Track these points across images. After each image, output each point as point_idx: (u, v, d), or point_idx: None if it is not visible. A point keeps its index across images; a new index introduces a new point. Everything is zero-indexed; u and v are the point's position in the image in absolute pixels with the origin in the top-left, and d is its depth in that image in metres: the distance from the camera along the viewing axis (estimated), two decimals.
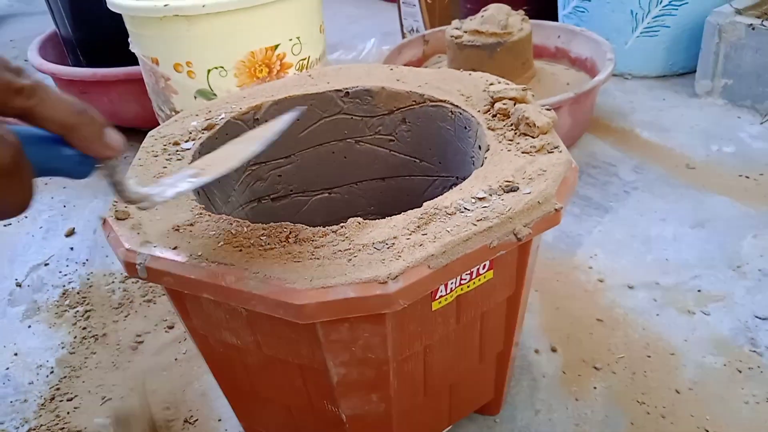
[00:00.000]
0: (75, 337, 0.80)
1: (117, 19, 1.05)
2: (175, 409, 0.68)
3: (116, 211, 0.51)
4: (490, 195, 0.47)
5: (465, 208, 0.46)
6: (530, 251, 0.52)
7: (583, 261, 0.84)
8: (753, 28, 1.05)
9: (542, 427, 0.63)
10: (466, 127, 0.62)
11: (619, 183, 0.99)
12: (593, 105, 1.09)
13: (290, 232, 0.46)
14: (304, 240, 0.46)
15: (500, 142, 0.55)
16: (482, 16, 1.03)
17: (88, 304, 0.85)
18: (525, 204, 0.46)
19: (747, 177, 0.97)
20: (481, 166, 0.54)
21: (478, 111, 0.60)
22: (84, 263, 0.94)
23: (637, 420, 0.62)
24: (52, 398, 0.72)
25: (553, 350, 0.71)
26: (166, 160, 0.57)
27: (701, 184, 0.96)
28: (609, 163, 1.04)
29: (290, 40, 0.85)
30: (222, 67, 0.83)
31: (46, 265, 0.95)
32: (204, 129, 0.61)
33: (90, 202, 1.09)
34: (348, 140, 0.71)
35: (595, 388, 0.66)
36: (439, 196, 0.69)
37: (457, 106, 0.62)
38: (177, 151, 0.58)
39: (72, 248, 0.98)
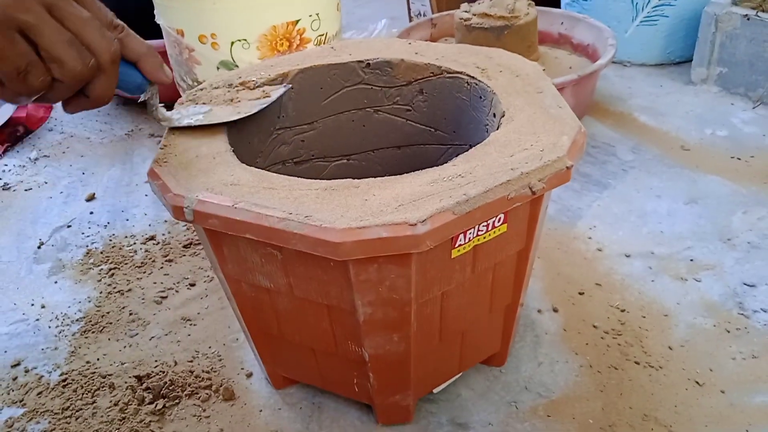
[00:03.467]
0: (101, 292, 0.84)
1: None
2: (199, 359, 0.73)
3: (156, 160, 0.55)
4: (511, 156, 0.52)
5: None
6: (541, 208, 0.57)
7: (582, 232, 0.89)
8: (748, 19, 1.10)
9: (545, 378, 0.68)
10: (481, 97, 0.66)
11: (617, 162, 1.04)
12: (594, 88, 1.14)
13: (325, 186, 0.51)
14: (334, 189, 0.50)
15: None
16: (491, 0, 1.07)
17: (111, 262, 0.89)
18: (541, 162, 0.51)
19: (738, 159, 1.02)
20: (497, 129, 0.59)
21: (493, 81, 0.65)
22: (105, 226, 0.98)
23: (632, 372, 0.67)
24: (80, 346, 0.76)
25: (555, 310, 0.76)
26: None
27: (695, 165, 1.02)
28: (608, 143, 1.09)
29: (310, 16, 0.89)
30: (245, 40, 0.87)
31: (68, 227, 0.98)
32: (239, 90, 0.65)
33: (108, 170, 1.13)
34: (367, 109, 0.75)
35: (594, 344, 0.71)
36: None
37: (473, 77, 0.67)
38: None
39: (92, 212, 1.02)
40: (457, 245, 0.52)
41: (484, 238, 0.53)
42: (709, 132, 1.10)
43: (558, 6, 1.45)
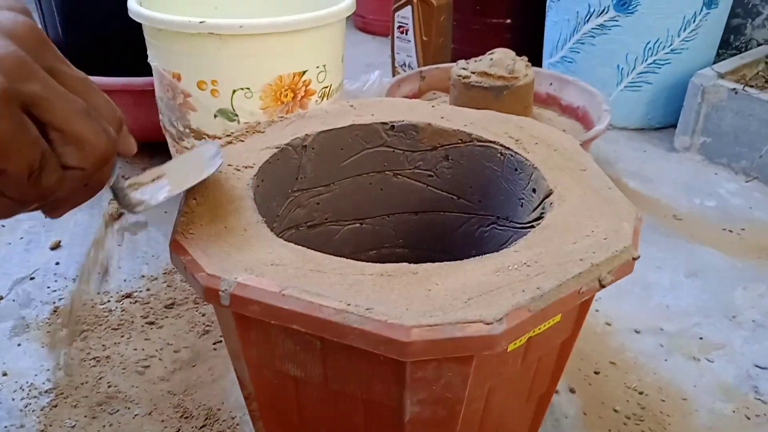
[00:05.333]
0: (72, 359, 0.75)
1: (114, 25, 1.02)
2: None
3: (180, 232, 0.49)
4: (574, 243, 0.49)
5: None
6: (593, 298, 0.54)
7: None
8: (735, 92, 1.12)
9: None
10: (516, 169, 0.63)
11: None
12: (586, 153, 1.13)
13: (380, 270, 0.46)
14: (390, 276, 0.46)
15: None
16: (491, 59, 1.06)
17: (83, 323, 0.81)
18: (608, 252, 0.48)
19: (730, 231, 1.03)
20: (543, 209, 0.56)
21: (531, 154, 0.62)
22: (74, 279, 0.89)
23: None
24: (51, 424, 0.67)
25: (572, 391, 0.72)
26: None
27: (689, 235, 1.02)
28: None
29: (317, 67, 0.85)
30: (248, 89, 0.81)
31: (31, 279, 0.89)
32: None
33: (74, 215, 1.04)
34: (386, 172, 0.71)
35: (618, 431, 0.68)
36: (474, 233, 0.71)
37: (508, 148, 0.64)
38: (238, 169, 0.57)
39: (58, 263, 0.93)
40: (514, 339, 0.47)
41: (540, 329, 0.49)
42: (698, 202, 1.11)
43: (539, 65, 1.46)
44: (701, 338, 0.81)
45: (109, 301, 0.85)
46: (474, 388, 0.48)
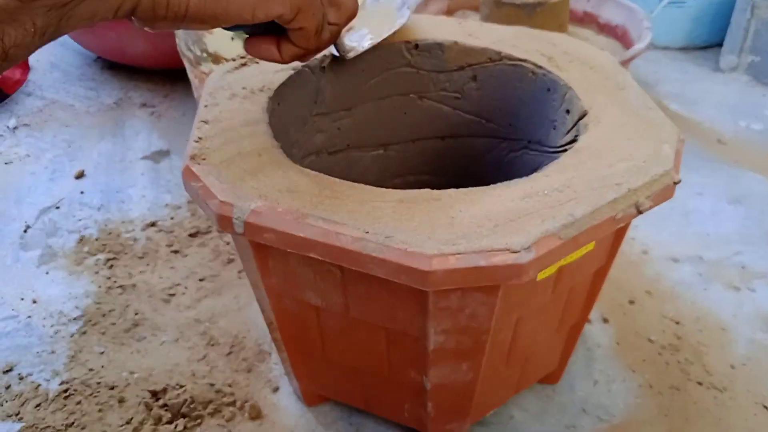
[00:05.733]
0: (99, 287, 0.75)
1: None
2: (218, 369, 0.65)
3: (192, 156, 0.47)
4: (610, 167, 0.45)
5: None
6: (630, 225, 0.50)
7: None
8: None
9: (603, 399, 0.62)
10: (549, 89, 0.59)
11: None
12: None
13: (400, 197, 0.43)
14: (411, 202, 0.43)
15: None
16: None
17: (109, 252, 0.81)
18: (647, 176, 0.44)
19: None
20: (577, 132, 0.52)
21: (564, 73, 0.58)
22: (99, 208, 0.89)
23: (696, 393, 0.63)
24: (81, 350, 0.68)
25: (605, 321, 0.70)
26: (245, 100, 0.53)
27: (733, 160, 0.96)
28: None
29: None
30: None
31: (57, 208, 0.89)
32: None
33: (97, 143, 1.03)
34: (411, 95, 0.67)
35: (652, 361, 0.66)
36: (503, 158, 0.67)
37: (540, 66, 0.59)
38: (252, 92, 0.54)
39: (83, 192, 0.92)
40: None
41: (571, 258, 0.47)
42: (743, 125, 1.05)
43: None
44: (743, 267, 0.77)
45: (133, 229, 0.84)
46: (501, 318, 0.46)
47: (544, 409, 0.61)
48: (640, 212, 0.44)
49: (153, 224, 0.85)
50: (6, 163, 0.99)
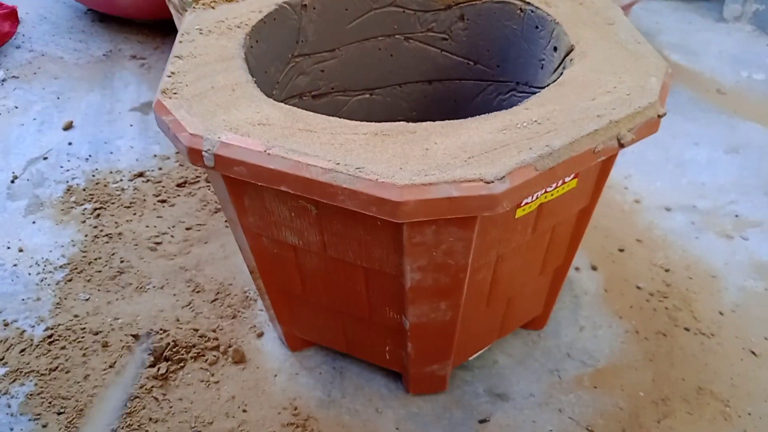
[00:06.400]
0: (86, 236, 0.75)
1: None
2: (203, 315, 0.65)
3: (163, 91, 0.46)
4: (593, 99, 0.44)
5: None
6: (613, 163, 0.49)
7: (617, 181, 0.81)
8: None
9: (588, 344, 0.62)
10: (537, 27, 0.57)
11: None
12: None
13: (374, 129, 0.42)
14: (385, 135, 0.42)
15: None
16: None
17: (96, 201, 0.80)
18: (630, 108, 0.43)
19: None
20: (563, 68, 0.50)
21: (552, 9, 0.56)
22: (87, 159, 0.88)
23: (682, 339, 0.62)
24: (66, 297, 0.68)
25: (594, 269, 0.70)
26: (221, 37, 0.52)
27: (732, 110, 0.94)
28: None
29: None
30: None
31: (45, 159, 0.88)
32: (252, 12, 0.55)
33: (86, 95, 1.01)
34: (396, 36, 0.65)
35: (639, 307, 0.65)
36: (491, 102, 0.66)
37: (528, 2, 0.57)
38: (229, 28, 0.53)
39: (71, 143, 0.91)
40: (522, 204, 0.44)
41: (552, 195, 0.46)
42: (745, 75, 1.02)
43: None
44: (737, 215, 0.76)
45: (121, 180, 0.84)
46: (478, 255, 0.46)
47: (528, 354, 0.61)
48: (622, 145, 0.43)
49: (141, 174, 0.84)
50: None
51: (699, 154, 0.86)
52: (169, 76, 0.47)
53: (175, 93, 0.46)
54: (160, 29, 1.15)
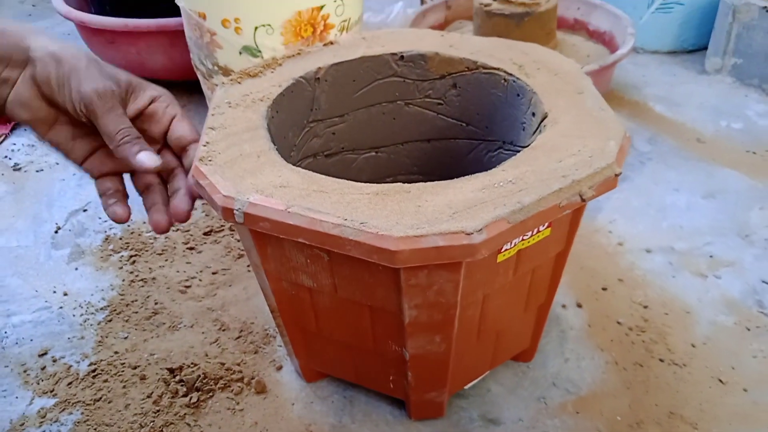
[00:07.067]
0: (123, 280, 0.84)
1: None
2: (229, 351, 0.73)
3: (201, 159, 0.55)
4: (560, 161, 0.52)
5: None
6: (582, 213, 0.57)
7: (603, 225, 0.89)
8: (766, 10, 1.10)
9: (572, 374, 0.69)
10: (519, 95, 0.66)
11: (635, 153, 1.04)
12: (611, 77, 1.14)
13: (376, 190, 0.50)
14: (385, 194, 0.50)
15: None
16: None
17: (131, 249, 0.89)
18: (591, 169, 0.51)
19: (754, 153, 1.03)
20: (538, 132, 0.59)
21: (531, 79, 0.65)
22: None
23: (657, 369, 0.69)
24: (107, 335, 0.76)
25: (579, 306, 0.77)
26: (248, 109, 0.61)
27: (711, 158, 1.02)
28: None
29: (334, 1, 0.88)
30: (269, 25, 0.85)
31: (84, 210, 0.98)
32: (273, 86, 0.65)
33: None
34: (398, 102, 0.74)
35: (619, 341, 0.72)
36: (482, 158, 0.74)
37: (510, 74, 0.66)
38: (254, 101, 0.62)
39: None
40: (503, 250, 0.52)
41: (529, 242, 0.54)
42: (724, 124, 1.11)
43: None
44: (711, 256, 0.84)
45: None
46: (466, 294, 0.53)
47: (518, 384, 0.68)
48: (584, 200, 0.51)
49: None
50: (37, 171, 1.08)
51: (679, 199, 0.94)
52: (205, 146, 0.56)
53: (210, 160, 0.54)
54: (187, 89, 1.25)
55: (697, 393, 0.66)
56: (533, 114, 0.63)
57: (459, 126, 0.75)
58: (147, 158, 0.52)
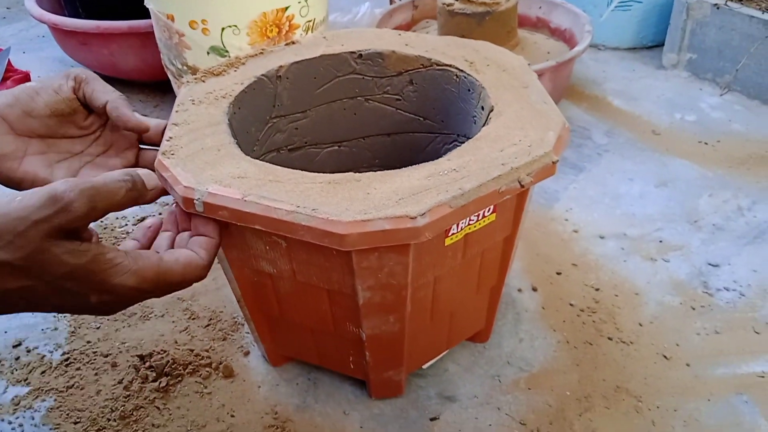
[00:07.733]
0: None
1: None
2: (197, 338, 0.76)
3: (163, 152, 0.58)
4: (501, 151, 0.56)
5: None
6: (527, 198, 0.61)
7: (559, 214, 0.93)
8: (718, 8, 1.14)
9: (525, 353, 0.73)
10: (470, 90, 0.69)
11: (593, 145, 1.08)
12: (570, 73, 1.18)
13: (328, 179, 0.54)
14: (337, 183, 0.54)
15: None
16: None
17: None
18: (529, 157, 0.55)
19: (705, 143, 1.08)
20: (485, 124, 0.62)
21: (481, 75, 0.68)
22: None
23: (606, 347, 0.73)
24: (80, 326, 0.79)
25: (534, 289, 0.81)
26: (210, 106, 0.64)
27: (665, 149, 1.07)
28: (583, 127, 1.14)
29: (299, 2, 0.91)
30: (235, 26, 0.88)
31: None
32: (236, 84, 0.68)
33: None
34: (358, 98, 0.78)
35: (571, 321, 0.76)
36: (439, 150, 0.78)
37: (462, 70, 0.70)
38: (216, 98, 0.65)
39: None
40: (450, 234, 0.55)
41: (475, 227, 0.57)
42: (678, 116, 1.15)
43: None
44: (661, 241, 0.88)
45: (126, 224, 0.95)
46: (417, 276, 0.57)
47: (474, 363, 0.72)
48: (522, 186, 0.54)
49: (143, 219, 0.96)
50: None
51: (632, 188, 0.98)
52: (168, 140, 0.59)
53: (172, 154, 0.57)
54: (159, 89, 1.28)
55: (643, 368, 0.70)
56: (482, 108, 0.67)
57: (417, 120, 0.78)
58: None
